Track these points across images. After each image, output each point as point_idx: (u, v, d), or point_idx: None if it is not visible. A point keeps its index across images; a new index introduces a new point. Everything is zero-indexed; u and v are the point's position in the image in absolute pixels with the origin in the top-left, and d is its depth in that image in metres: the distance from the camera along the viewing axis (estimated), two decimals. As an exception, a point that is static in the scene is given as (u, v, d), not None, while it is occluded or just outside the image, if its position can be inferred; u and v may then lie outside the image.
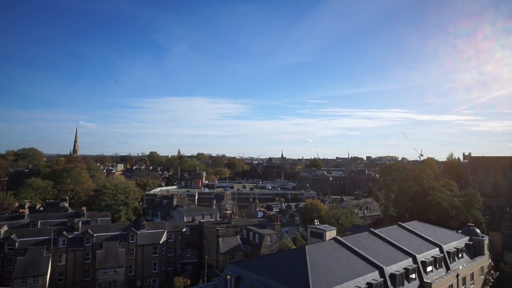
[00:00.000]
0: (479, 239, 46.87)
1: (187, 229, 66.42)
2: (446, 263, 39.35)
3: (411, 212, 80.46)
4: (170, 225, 67.13)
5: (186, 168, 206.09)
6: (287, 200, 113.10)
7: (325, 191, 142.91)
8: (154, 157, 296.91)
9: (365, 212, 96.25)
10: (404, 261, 34.60)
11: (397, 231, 42.99)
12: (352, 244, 34.87)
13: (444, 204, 76.46)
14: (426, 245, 40.24)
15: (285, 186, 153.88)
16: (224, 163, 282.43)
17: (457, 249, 42.35)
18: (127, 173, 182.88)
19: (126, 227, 62.10)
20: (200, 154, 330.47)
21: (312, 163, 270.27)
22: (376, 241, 38.16)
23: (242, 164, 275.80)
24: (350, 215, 75.71)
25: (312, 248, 32.19)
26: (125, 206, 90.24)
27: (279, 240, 61.68)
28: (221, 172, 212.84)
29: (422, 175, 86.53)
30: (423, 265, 35.94)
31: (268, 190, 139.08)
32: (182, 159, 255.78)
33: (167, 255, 62.91)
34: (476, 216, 76.17)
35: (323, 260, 30.41)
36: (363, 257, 32.76)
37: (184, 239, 65.44)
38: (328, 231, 41.04)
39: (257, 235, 61.14)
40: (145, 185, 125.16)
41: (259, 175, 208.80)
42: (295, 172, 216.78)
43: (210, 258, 58.14)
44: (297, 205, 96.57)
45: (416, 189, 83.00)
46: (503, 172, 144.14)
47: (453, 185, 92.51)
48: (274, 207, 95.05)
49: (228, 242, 59.10)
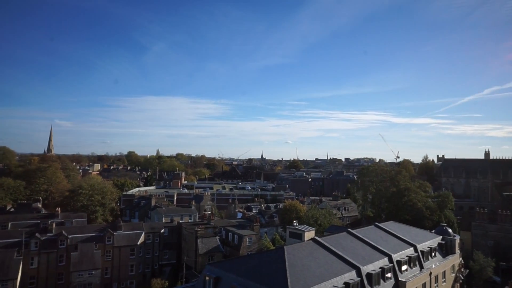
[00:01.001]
0: (451, 239, 48.48)
1: (165, 230, 65.59)
2: (420, 262, 40.52)
3: (388, 212, 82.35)
4: (148, 226, 66.12)
5: (165, 169, 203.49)
6: (266, 201, 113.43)
7: (304, 192, 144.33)
8: (132, 157, 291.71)
9: (343, 213, 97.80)
10: (380, 261, 35.38)
11: (374, 231, 43.90)
12: (330, 244, 35.37)
13: (419, 205, 78.65)
14: (401, 245, 41.28)
15: (264, 187, 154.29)
16: (203, 163, 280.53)
17: (431, 248, 43.67)
18: (104, 173, 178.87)
19: (103, 228, 60.72)
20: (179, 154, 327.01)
21: (292, 164, 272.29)
22: (354, 241, 38.86)
23: (222, 165, 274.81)
24: (329, 215, 76.77)
25: (290, 249, 32.44)
26: (101, 207, 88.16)
27: (258, 241, 61.81)
28: (201, 173, 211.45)
29: (398, 177, 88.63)
30: (399, 265, 36.88)
31: (247, 191, 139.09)
32: (161, 159, 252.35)
33: (144, 256, 61.92)
34: (448, 216, 78.78)
35: (301, 261, 30.71)
36: (340, 257, 33.29)
37: (162, 240, 64.59)
38: (306, 232, 41.48)
39: (236, 236, 61.05)
40: (122, 185, 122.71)
41: (238, 176, 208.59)
42: (275, 173, 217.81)
43: (188, 259, 57.62)
44: (276, 206, 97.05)
45: (393, 190, 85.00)
46: (473, 174, 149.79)
47: (427, 186, 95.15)
48: (254, 208, 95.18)
49: (207, 243, 58.74)
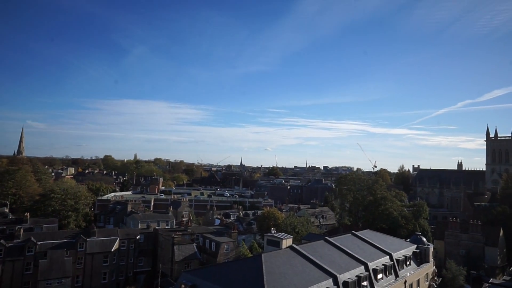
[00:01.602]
0: (425, 247, 49.45)
1: (141, 237, 64.02)
2: (395, 271, 41.04)
3: (364, 221, 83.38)
4: (123, 232, 64.33)
5: (143, 173, 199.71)
6: (245, 208, 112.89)
7: (283, 199, 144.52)
8: (108, 161, 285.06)
9: (321, 221, 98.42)
10: (356, 269, 35.59)
11: (350, 240, 44.24)
12: (308, 252, 35.33)
13: (395, 214, 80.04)
14: (377, 253, 41.74)
15: (243, 193, 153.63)
16: (182, 169, 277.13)
17: (405, 257, 44.36)
18: (78, 177, 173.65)
19: (75, 234, 58.61)
20: (157, 159, 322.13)
21: (271, 172, 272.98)
22: (331, 250, 39.00)
23: (201, 171, 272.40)
24: (307, 223, 77.01)
25: (268, 256, 32.18)
26: (74, 212, 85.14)
27: (235, 248, 61.18)
28: (179, 178, 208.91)
29: (375, 186, 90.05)
30: (374, 273, 37.21)
31: (226, 197, 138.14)
32: (139, 164, 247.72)
33: (118, 263, 60.08)
34: (423, 225, 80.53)
35: (279, 268, 30.48)
36: (318, 265, 33.27)
37: (137, 247, 62.96)
38: (284, 240, 41.34)
39: (214, 243, 60.24)
40: (97, 190, 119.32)
41: (217, 182, 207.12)
42: (254, 180, 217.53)
43: (164, 266, 56.30)
44: (254, 213, 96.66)
45: (370, 199, 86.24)
46: (447, 184, 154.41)
47: (403, 196, 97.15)
48: (232, 215, 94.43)
49: (183, 250, 57.66)
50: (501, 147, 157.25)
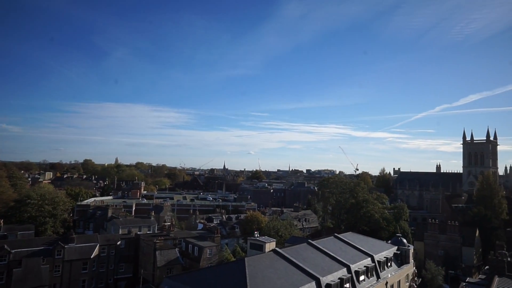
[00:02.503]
0: (405, 249, 50.32)
1: (122, 242, 62.69)
2: (376, 272, 41.56)
3: (347, 223, 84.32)
4: (103, 238, 62.86)
5: (124, 178, 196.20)
6: (228, 212, 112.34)
7: (266, 203, 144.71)
8: (88, 165, 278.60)
9: (304, 224, 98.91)
10: (339, 271, 35.85)
11: (333, 242, 44.58)
12: (291, 255, 35.38)
13: (376, 216, 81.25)
14: (359, 255, 42.18)
15: (226, 197, 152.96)
16: (164, 173, 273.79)
17: (387, 258, 45.01)
18: (56, 181, 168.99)
19: (52, 241, 56.80)
20: (139, 163, 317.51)
21: (254, 175, 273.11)
22: (314, 252, 39.17)
23: (183, 175, 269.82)
24: (290, 226, 77.20)
25: (251, 260, 32.05)
26: (52, 218, 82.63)
27: (219, 253, 60.74)
28: (161, 183, 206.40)
29: (357, 189, 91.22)
30: (357, 275, 37.57)
31: (209, 201, 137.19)
32: (120, 168, 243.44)
33: (98, 270, 58.58)
34: (403, 227, 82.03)
35: (262, 272, 30.39)
36: (301, 268, 33.34)
37: (118, 252, 61.59)
38: (267, 243, 41.25)
39: (197, 248, 59.67)
40: (77, 195, 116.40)
41: (200, 186, 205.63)
42: (237, 183, 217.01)
43: (146, 272, 55.31)
44: (237, 217, 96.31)
45: (352, 201, 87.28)
46: (426, 187, 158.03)
47: (384, 198, 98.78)
48: (215, 219, 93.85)
49: (165, 255, 56.79)
50: (476, 150, 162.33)
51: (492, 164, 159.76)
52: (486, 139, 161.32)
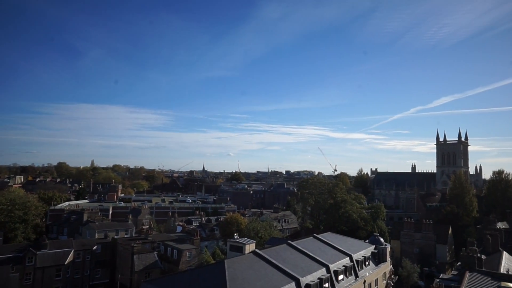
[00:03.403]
0: (382, 248, 51.35)
1: (98, 247, 61.11)
2: (355, 271, 42.20)
3: (326, 224, 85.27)
4: (78, 243, 61.07)
5: (100, 181, 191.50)
6: (207, 214, 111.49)
7: (246, 204, 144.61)
8: (62, 168, 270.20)
9: (284, 225, 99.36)
10: (318, 271, 36.16)
11: (312, 243, 44.95)
12: (271, 256, 35.42)
13: (354, 216, 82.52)
14: (338, 255, 42.71)
15: (205, 199, 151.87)
16: (142, 175, 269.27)
17: (365, 257, 45.77)
18: (28, 185, 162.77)
19: (23, 248, 54.69)
20: (116, 165, 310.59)
21: (234, 177, 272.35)
22: (293, 253, 39.37)
23: (162, 177, 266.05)
24: (269, 228, 77.34)
25: (231, 262, 31.88)
26: (23, 224, 79.42)
27: (198, 255, 60.15)
28: (139, 185, 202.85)
29: (335, 189, 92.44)
30: (335, 274, 38.02)
31: (188, 203, 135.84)
32: (96, 171, 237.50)
33: (73, 276, 56.83)
34: (380, 226, 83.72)
35: (242, 274, 30.26)
36: (280, 269, 33.43)
37: (94, 258, 59.97)
38: (247, 245, 41.15)
39: (176, 251, 58.88)
40: (50, 199, 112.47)
41: (179, 188, 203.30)
42: (216, 185, 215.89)
43: (123, 277, 54.08)
44: (217, 219, 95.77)
45: (330, 202, 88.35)
46: (402, 186, 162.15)
47: (362, 198, 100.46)
48: (194, 221, 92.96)
49: (144, 259, 55.75)
50: (449, 150, 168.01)
51: (463, 163, 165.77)
52: (458, 140, 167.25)
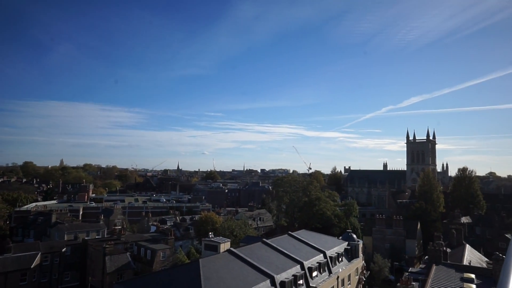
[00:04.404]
0: (355, 244, 52.62)
1: (67, 249, 59.10)
2: (328, 267, 43.03)
3: (300, 221, 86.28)
4: (46, 245, 58.82)
5: (70, 181, 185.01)
6: (182, 213, 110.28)
7: (221, 203, 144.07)
8: (29, 167, 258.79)
9: (259, 223, 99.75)
10: (293, 269, 36.60)
11: (287, 240, 45.43)
12: (246, 255, 35.51)
13: (328, 213, 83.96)
14: (312, 252, 43.40)
15: (180, 198, 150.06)
16: (115, 174, 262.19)
17: (338, 253, 46.76)
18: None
19: (-15, 251, 52.15)
20: (87, 165, 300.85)
21: (208, 175, 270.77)
22: (268, 251, 39.64)
23: (135, 176, 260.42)
24: (244, 226, 77.45)
25: (206, 261, 31.73)
26: (-15, 226, 75.89)
27: (172, 255, 59.43)
28: (111, 185, 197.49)
29: (310, 187, 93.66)
30: (310, 271, 38.61)
31: (162, 203, 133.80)
32: (66, 170, 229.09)
33: (39, 281, 54.66)
34: (353, 223, 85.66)
35: (217, 273, 30.18)
36: (255, 267, 33.59)
37: (63, 260, 57.96)
38: (222, 243, 41.08)
39: (149, 251, 57.92)
40: (15, 200, 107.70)
41: (153, 188, 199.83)
42: (191, 184, 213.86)
43: (94, 279, 52.64)
44: (192, 218, 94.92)
45: (305, 200, 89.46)
46: (374, 184, 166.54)
47: (335, 196, 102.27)
48: (169, 221, 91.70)
49: (116, 260, 54.42)
50: (418, 148, 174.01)
51: (431, 161, 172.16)
52: (426, 139, 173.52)
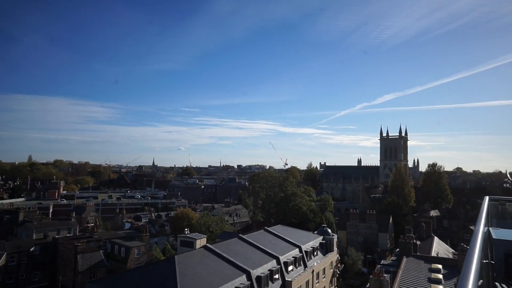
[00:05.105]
0: (330, 238, 53.62)
1: (36, 248, 57.01)
2: (304, 262, 43.66)
3: (276, 217, 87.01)
4: (12, 245, 56.53)
5: (39, 177, 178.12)
6: (157, 210, 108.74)
7: (197, 199, 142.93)
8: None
9: (235, 219, 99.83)
10: (269, 263, 36.90)
11: (263, 236, 45.71)
12: (222, 251, 35.47)
13: (304, 209, 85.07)
14: (288, 247, 43.86)
15: (155, 195, 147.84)
16: (87, 171, 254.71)
17: (313, 248, 47.50)
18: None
19: None
20: (58, 161, 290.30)
21: (185, 171, 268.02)
22: (244, 246, 39.76)
23: (109, 172, 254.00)
24: (221, 222, 77.33)
25: (181, 258, 31.46)
26: None
27: (147, 252, 58.56)
28: (84, 181, 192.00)
29: (286, 183, 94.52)
30: (285, 265, 39.04)
31: (137, 199, 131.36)
32: (34, 167, 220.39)
33: (5, 282, 52.39)
34: (328, 218, 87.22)
35: (193, 269, 29.99)
36: (232, 263, 33.62)
37: (31, 260, 55.86)
38: (198, 240, 40.80)
39: (123, 248, 56.81)
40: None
41: (127, 184, 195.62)
42: (167, 180, 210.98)
43: (65, 279, 51.13)
44: (167, 214, 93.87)
45: (281, 195, 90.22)
46: (349, 179, 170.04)
47: (311, 191, 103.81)
48: (143, 218, 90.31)
49: (88, 258, 53.09)
50: (391, 145, 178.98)
51: (403, 157, 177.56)
52: (398, 135, 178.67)
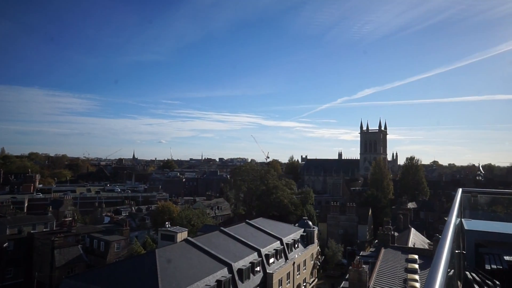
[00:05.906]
0: (311, 230, 54.36)
1: (10, 244, 55.38)
2: (285, 254, 44.14)
3: (258, 210, 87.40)
4: (-15, 240, 54.70)
5: (13, 170, 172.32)
6: (138, 203, 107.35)
7: (178, 192, 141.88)
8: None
9: (217, 212, 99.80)
10: (250, 256, 37.10)
11: (245, 228, 45.88)
12: (203, 244, 35.40)
13: (285, 201, 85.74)
14: (269, 239, 44.21)
15: (136, 188, 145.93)
16: (65, 164, 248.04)
17: (294, 240, 48.05)
18: None
19: None
20: (33, 153, 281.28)
21: (166, 164, 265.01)
22: (226, 239, 39.82)
23: (88, 165, 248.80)
24: (202, 215, 77.14)
25: (162, 252, 31.23)
26: None
27: (128, 246, 57.87)
28: (61, 175, 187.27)
29: (267, 176, 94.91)
30: (266, 258, 39.37)
31: (117, 193, 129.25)
32: (8, 159, 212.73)
33: (-20, 277, 50.93)
34: (309, 210, 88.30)
35: (174, 263, 29.83)
36: (213, 256, 33.62)
37: (5, 256, 54.22)
38: (179, 233, 40.63)
39: (103, 243, 55.91)
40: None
41: (107, 177, 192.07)
42: (148, 173, 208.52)
43: (41, 275, 49.95)
44: (148, 208, 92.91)
45: (263, 188, 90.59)
46: (329, 172, 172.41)
47: (292, 184, 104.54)
48: (123, 211, 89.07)
49: (66, 253, 51.98)
50: (371, 138, 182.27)
51: (383, 151, 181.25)
52: (378, 129, 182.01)
